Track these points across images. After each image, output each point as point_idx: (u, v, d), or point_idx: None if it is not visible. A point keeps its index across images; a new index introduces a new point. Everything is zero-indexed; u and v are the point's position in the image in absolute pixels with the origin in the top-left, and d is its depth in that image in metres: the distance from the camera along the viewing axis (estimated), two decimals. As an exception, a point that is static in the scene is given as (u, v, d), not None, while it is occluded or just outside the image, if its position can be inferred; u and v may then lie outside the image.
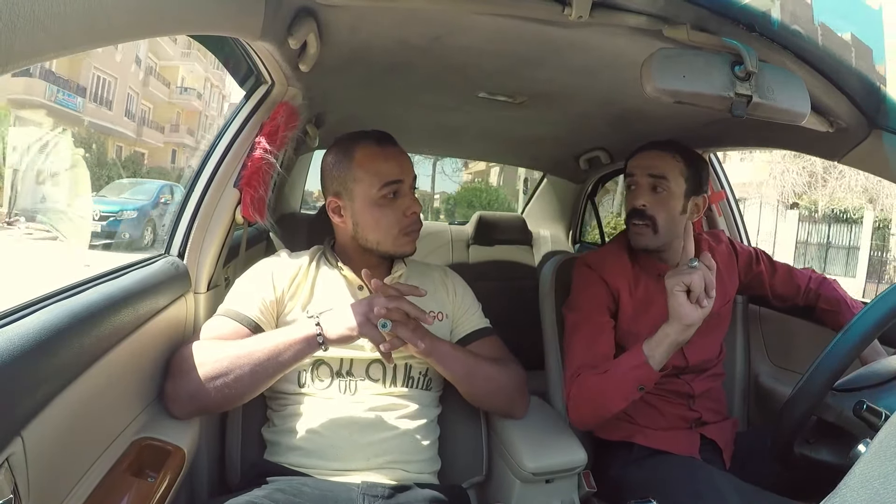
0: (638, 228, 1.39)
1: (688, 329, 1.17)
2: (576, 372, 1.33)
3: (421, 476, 1.18)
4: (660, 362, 1.20)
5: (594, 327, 1.38)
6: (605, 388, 1.26)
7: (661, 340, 1.20)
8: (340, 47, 1.21)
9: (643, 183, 1.40)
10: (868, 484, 0.42)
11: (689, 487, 1.22)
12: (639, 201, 1.39)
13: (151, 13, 0.66)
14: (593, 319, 1.39)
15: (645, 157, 1.42)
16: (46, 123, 15.92)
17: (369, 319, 1.06)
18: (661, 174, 1.38)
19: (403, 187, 1.23)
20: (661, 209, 1.37)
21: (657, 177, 1.38)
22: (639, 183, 1.40)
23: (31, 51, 0.48)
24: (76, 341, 0.81)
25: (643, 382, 1.23)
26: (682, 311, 1.15)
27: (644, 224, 1.38)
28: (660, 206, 1.37)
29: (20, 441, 0.69)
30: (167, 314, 1.15)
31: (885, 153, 1.15)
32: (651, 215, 1.37)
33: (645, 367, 1.21)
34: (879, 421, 0.93)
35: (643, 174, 1.40)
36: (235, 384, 1.07)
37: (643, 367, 1.21)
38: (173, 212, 1.36)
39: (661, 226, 1.38)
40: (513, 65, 1.31)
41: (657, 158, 1.40)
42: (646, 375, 1.22)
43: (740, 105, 0.89)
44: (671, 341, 1.19)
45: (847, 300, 1.55)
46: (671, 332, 1.18)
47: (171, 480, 0.97)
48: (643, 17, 0.94)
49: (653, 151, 1.42)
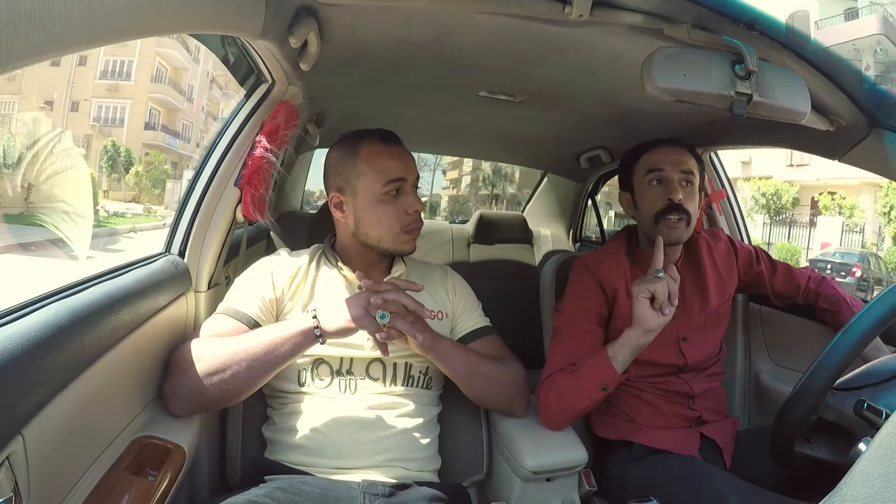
0: (675, 223, 1.39)
1: (648, 334, 1.22)
2: (549, 375, 1.35)
3: (421, 474, 1.18)
4: (622, 364, 1.24)
5: (577, 336, 1.39)
6: (571, 388, 1.29)
7: (624, 343, 1.24)
8: (341, 46, 1.21)
9: (675, 178, 1.40)
10: (869, 483, 0.42)
11: (689, 486, 1.22)
12: (676, 195, 1.38)
13: (152, 12, 0.66)
14: (578, 327, 1.40)
15: (673, 153, 1.43)
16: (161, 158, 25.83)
17: (367, 311, 1.07)
18: (689, 170, 1.41)
19: (406, 186, 1.23)
20: (692, 203, 1.40)
21: (686, 172, 1.41)
22: (671, 178, 1.40)
23: (32, 50, 0.48)
24: (77, 340, 0.81)
25: (606, 382, 1.26)
26: (644, 316, 1.21)
27: (681, 218, 1.38)
28: (691, 201, 1.40)
29: (21, 439, 0.69)
30: (168, 313, 1.15)
31: (886, 152, 1.15)
32: (686, 209, 1.39)
33: (608, 368, 1.25)
34: (880, 420, 0.93)
35: (674, 169, 1.40)
36: (233, 380, 1.07)
37: (607, 368, 1.25)
38: (174, 210, 1.36)
39: (692, 219, 1.40)
40: (513, 64, 1.31)
41: (683, 155, 1.42)
42: (609, 376, 1.25)
43: (740, 104, 0.89)
44: (633, 345, 1.23)
45: (847, 299, 1.55)
46: (633, 336, 1.23)
47: (172, 479, 0.97)
48: (643, 15, 0.94)
49: (674, 147, 1.43)
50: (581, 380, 1.28)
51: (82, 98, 20.99)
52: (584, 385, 1.27)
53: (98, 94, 21.64)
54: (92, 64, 21.64)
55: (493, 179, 26.94)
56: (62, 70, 21.33)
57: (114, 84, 21.58)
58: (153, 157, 24.45)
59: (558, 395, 1.30)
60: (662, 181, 1.41)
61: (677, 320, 1.45)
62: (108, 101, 21.30)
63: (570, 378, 1.29)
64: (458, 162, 29.66)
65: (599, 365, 1.26)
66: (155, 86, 23.66)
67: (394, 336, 1.09)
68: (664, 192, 1.40)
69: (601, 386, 1.26)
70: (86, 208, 1.90)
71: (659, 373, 1.45)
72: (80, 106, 21.24)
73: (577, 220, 3.20)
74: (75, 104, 21.36)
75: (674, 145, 1.44)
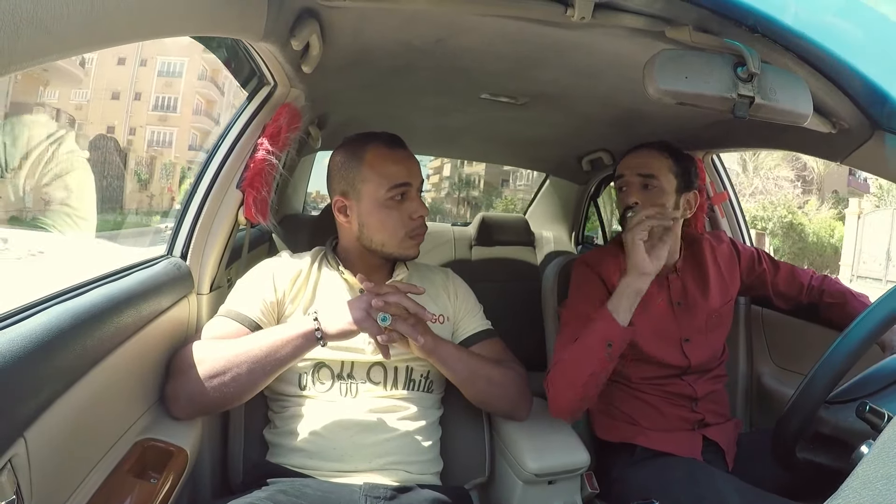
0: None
1: (644, 277, 1.26)
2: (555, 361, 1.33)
3: (423, 477, 1.18)
4: (625, 315, 1.25)
5: (583, 323, 1.38)
6: (576, 356, 1.27)
7: (622, 291, 1.26)
8: (343, 49, 1.21)
9: (634, 181, 1.42)
10: (870, 485, 0.42)
11: (691, 489, 1.21)
12: (630, 199, 1.41)
13: (154, 14, 0.66)
14: (583, 315, 1.39)
15: (633, 157, 1.45)
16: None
17: (368, 313, 1.07)
18: (649, 172, 1.41)
19: (411, 190, 1.23)
20: (650, 203, 1.38)
21: (646, 175, 1.41)
22: (629, 182, 1.42)
23: (34, 52, 0.48)
24: (79, 342, 0.81)
25: (611, 338, 1.25)
26: (640, 261, 1.25)
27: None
28: (651, 203, 1.38)
29: (23, 442, 0.69)
30: (170, 315, 1.15)
31: (888, 154, 1.15)
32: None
33: (611, 321, 1.25)
34: (882, 422, 0.93)
35: (633, 173, 1.42)
36: (234, 383, 1.07)
37: (609, 321, 1.25)
38: (177, 212, 1.36)
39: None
40: (515, 66, 1.31)
41: (645, 157, 1.43)
42: (613, 330, 1.25)
43: (742, 106, 0.89)
44: (631, 291, 1.26)
45: (851, 291, 1.56)
46: (630, 282, 1.26)
47: (174, 482, 0.97)
48: (645, 18, 0.94)
49: (641, 151, 1.45)
50: (585, 343, 1.26)
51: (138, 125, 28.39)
52: (589, 347, 1.25)
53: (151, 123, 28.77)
54: (145, 99, 28.53)
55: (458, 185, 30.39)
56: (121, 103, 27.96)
57: (163, 115, 28.69)
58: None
59: (563, 370, 1.28)
60: (623, 187, 1.45)
61: (679, 321, 1.45)
62: (159, 128, 28.65)
63: (575, 346, 1.28)
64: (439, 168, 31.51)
65: (602, 320, 1.26)
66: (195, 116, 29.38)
67: (395, 338, 1.09)
68: (623, 197, 1.44)
69: (606, 342, 1.24)
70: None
71: (662, 374, 1.45)
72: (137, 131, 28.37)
73: (580, 223, 3.20)
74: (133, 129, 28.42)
75: (648, 147, 1.45)
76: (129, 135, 28.25)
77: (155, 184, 21.64)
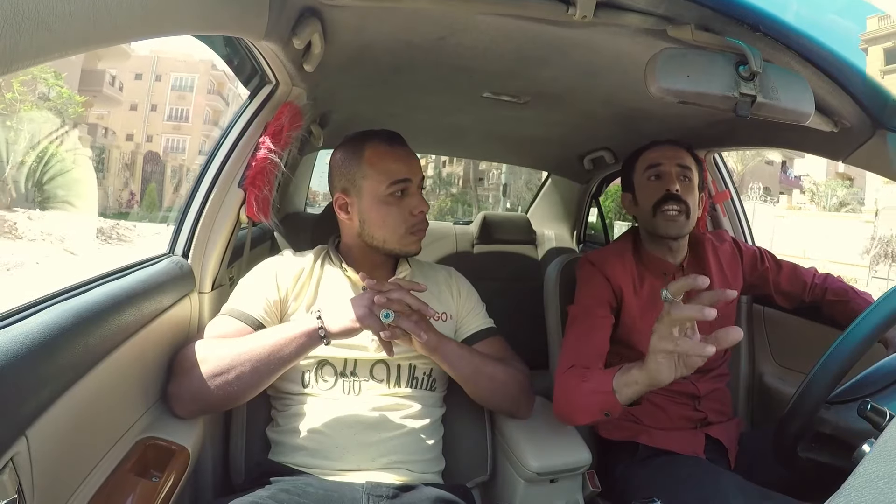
0: (674, 215, 1.40)
1: (658, 385, 1.05)
2: (568, 366, 1.29)
3: (425, 476, 1.18)
4: (627, 399, 1.11)
5: (591, 322, 1.38)
6: (577, 398, 1.20)
7: (630, 384, 1.09)
8: (345, 47, 1.21)
9: (673, 172, 1.43)
10: (872, 483, 0.42)
11: (693, 488, 1.21)
12: (673, 186, 1.41)
13: (155, 13, 0.66)
14: (591, 313, 1.39)
15: (670, 150, 1.46)
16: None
17: (371, 311, 1.07)
18: (686, 165, 1.44)
19: (411, 187, 1.24)
20: (690, 196, 1.42)
21: (684, 167, 1.43)
22: (668, 171, 1.43)
23: (36, 51, 0.48)
24: (80, 341, 0.81)
25: (608, 409, 1.15)
26: (659, 373, 1.02)
27: (679, 210, 1.40)
28: (689, 193, 1.42)
29: (24, 441, 0.69)
30: (171, 314, 1.16)
31: (890, 153, 1.15)
32: (685, 200, 1.40)
33: (611, 397, 1.12)
34: (884, 421, 0.92)
35: (672, 163, 1.43)
36: (237, 381, 1.07)
37: (609, 396, 1.13)
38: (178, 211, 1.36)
39: (692, 212, 1.41)
40: (517, 65, 1.31)
41: (680, 152, 1.46)
42: (611, 404, 1.13)
43: (744, 105, 0.89)
44: (639, 389, 1.08)
45: (854, 289, 1.56)
46: (641, 382, 1.07)
47: (176, 480, 0.97)
48: (647, 16, 0.94)
49: (671, 145, 1.47)
50: (585, 395, 1.19)
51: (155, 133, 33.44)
52: (587, 402, 1.19)
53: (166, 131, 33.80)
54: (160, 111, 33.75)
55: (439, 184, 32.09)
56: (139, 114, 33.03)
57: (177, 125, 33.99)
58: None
59: (566, 398, 1.26)
60: (661, 175, 1.44)
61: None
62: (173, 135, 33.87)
63: (579, 387, 1.21)
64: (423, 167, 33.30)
65: (604, 391, 1.14)
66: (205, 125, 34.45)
67: (398, 335, 1.09)
68: (662, 185, 1.43)
69: (603, 411, 1.16)
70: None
71: None
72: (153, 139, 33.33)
73: (581, 222, 3.20)
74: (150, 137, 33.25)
75: (677, 145, 1.47)
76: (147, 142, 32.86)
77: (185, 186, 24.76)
